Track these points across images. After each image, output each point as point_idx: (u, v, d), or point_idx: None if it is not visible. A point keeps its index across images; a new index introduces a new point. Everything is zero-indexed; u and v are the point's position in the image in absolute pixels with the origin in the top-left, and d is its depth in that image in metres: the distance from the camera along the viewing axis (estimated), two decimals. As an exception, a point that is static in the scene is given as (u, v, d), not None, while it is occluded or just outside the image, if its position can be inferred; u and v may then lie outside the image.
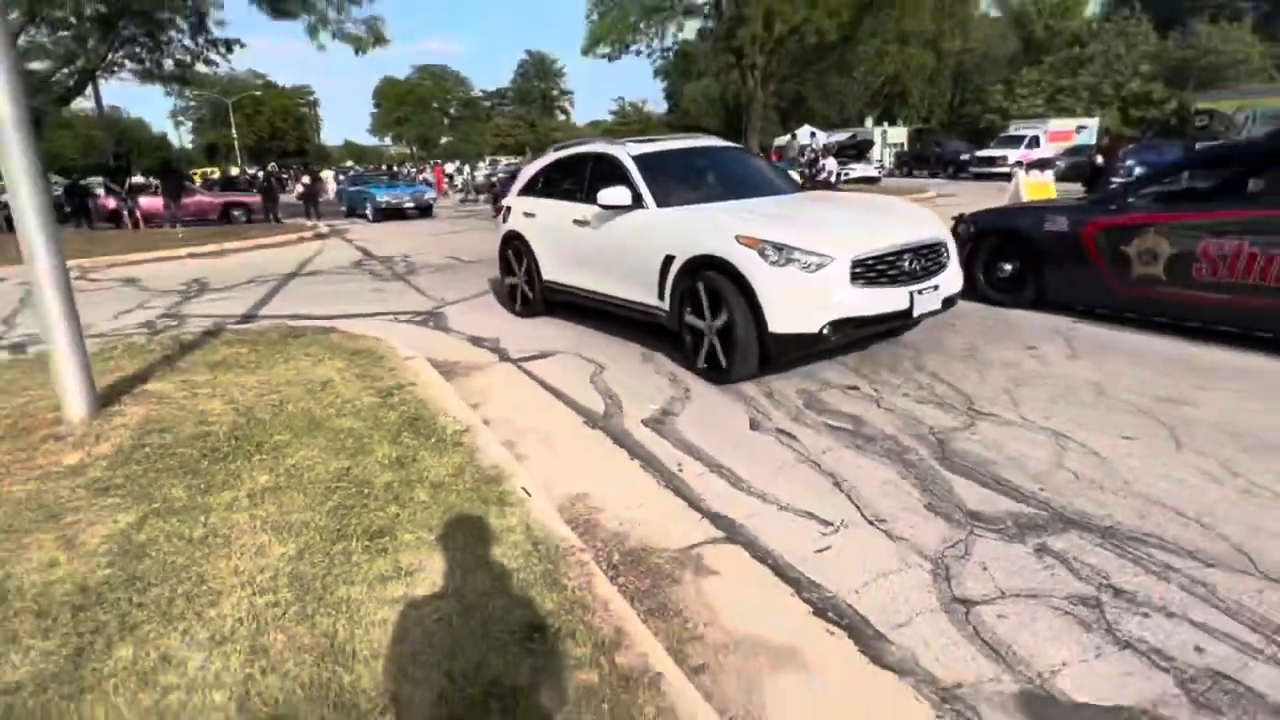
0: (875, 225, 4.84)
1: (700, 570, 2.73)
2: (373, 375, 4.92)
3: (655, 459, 3.76)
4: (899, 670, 2.17)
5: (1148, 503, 3.04)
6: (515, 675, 2.02)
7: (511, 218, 7.07)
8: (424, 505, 3.03)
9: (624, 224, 5.44)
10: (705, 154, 6.48)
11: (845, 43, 27.69)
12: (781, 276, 4.28)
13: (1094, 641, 2.24)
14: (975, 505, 3.11)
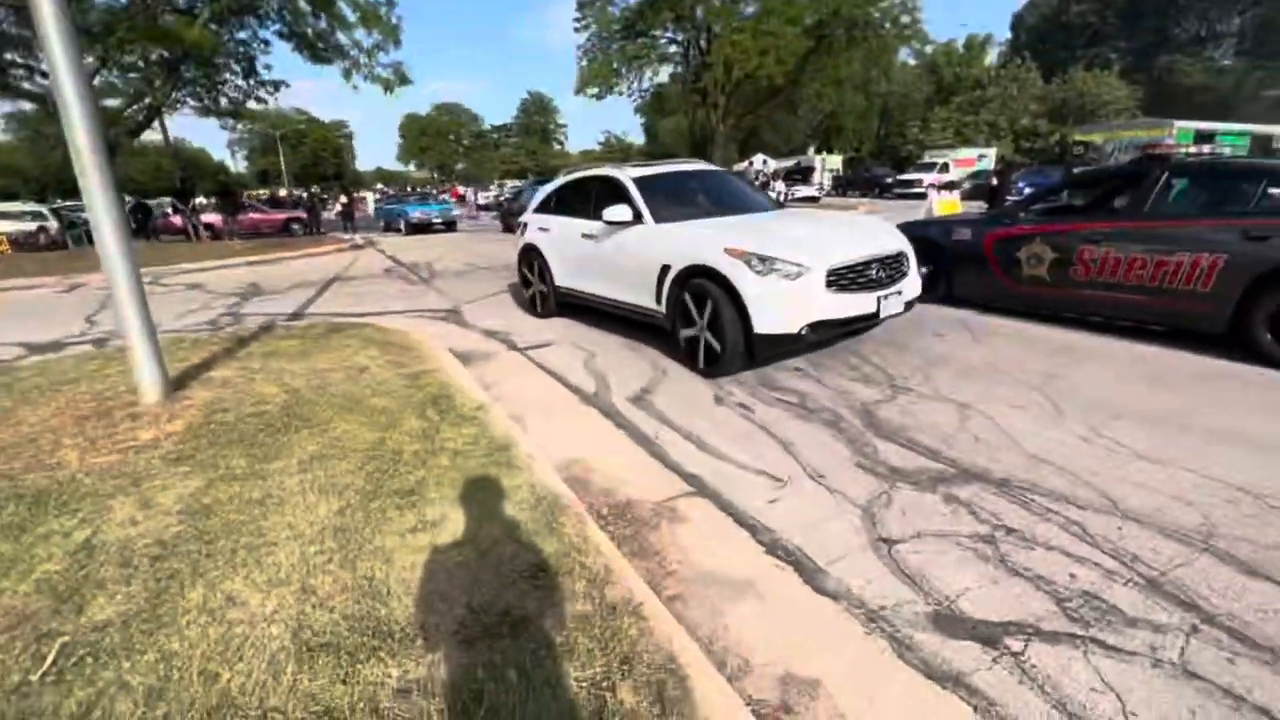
0: (847, 238, 4.66)
1: (674, 519, 2.74)
2: (402, 363, 4.86)
3: (637, 429, 3.75)
4: (835, 596, 2.20)
5: (1033, 459, 3.10)
6: (524, 606, 2.02)
7: (529, 232, 6.82)
8: (445, 469, 3.00)
9: (625, 237, 5.26)
10: (696, 176, 6.26)
11: (791, 86, 27.65)
12: (765, 284, 4.13)
13: (990, 571, 2.28)
14: (896, 463, 3.14)
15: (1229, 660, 1.82)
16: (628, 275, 5.26)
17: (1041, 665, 1.84)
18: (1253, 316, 4.29)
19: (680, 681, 1.71)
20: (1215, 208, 4.67)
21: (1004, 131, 41.57)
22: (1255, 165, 5.06)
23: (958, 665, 1.86)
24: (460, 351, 5.47)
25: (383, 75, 17.48)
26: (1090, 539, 2.43)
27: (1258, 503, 2.61)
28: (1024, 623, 2.02)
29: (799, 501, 2.83)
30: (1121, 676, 1.78)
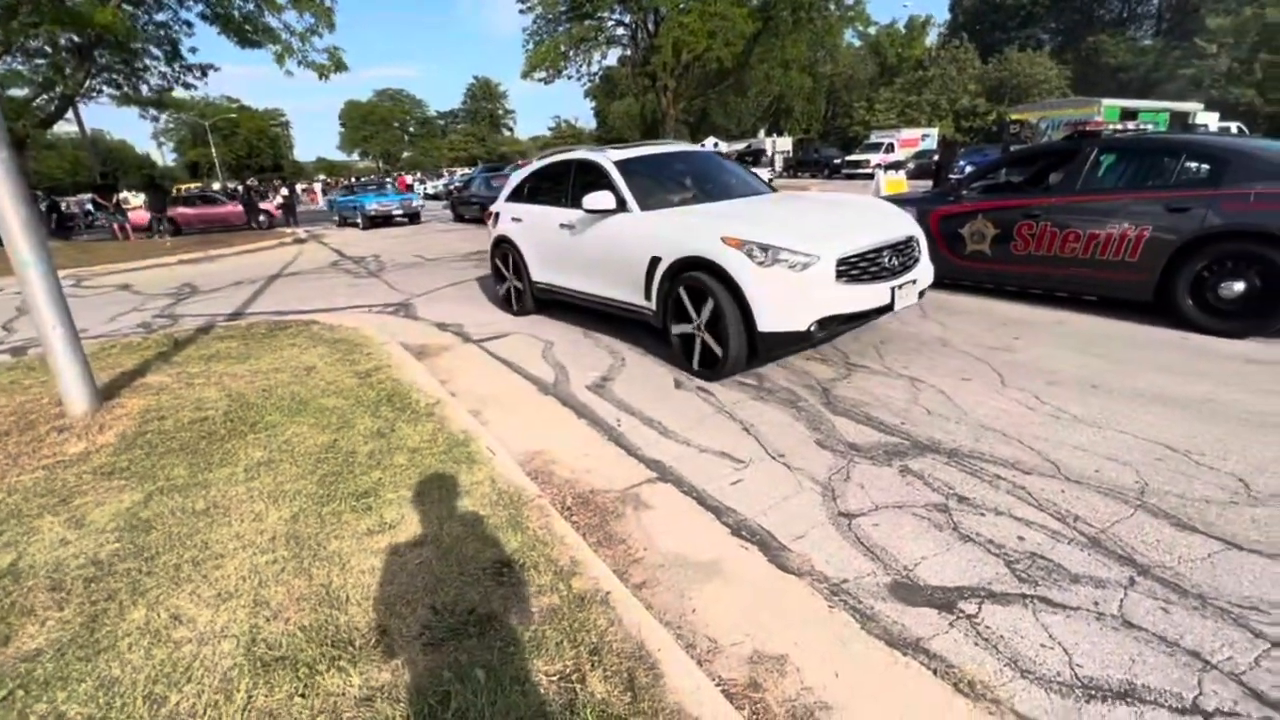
0: (854, 223, 4.20)
1: (639, 506, 2.74)
2: (352, 360, 4.69)
3: (598, 417, 3.73)
4: (798, 573, 2.24)
5: (981, 428, 3.22)
6: (489, 604, 1.98)
7: (500, 223, 6.24)
8: (403, 468, 2.92)
9: (608, 227, 4.77)
10: (682, 158, 5.69)
11: (740, 68, 27.73)
12: (768, 276, 3.70)
13: (944, 538, 2.36)
14: (853, 439, 3.21)
15: (1163, 609, 1.93)
16: (612, 269, 4.79)
17: (994, 626, 1.92)
18: (1175, 284, 4.54)
19: (650, 668, 1.71)
20: (1140, 182, 4.90)
21: (945, 111, 42.75)
22: (1174, 141, 5.33)
23: (917, 632, 1.92)
24: (413, 346, 5.32)
25: (317, 61, 16.70)
26: (1036, 502, 2.54)
27: (1185, 459, 2.78)
28: (977, 586, 2.09)
29: (761, 482, 2.87)
30: (1067, 631, 1.87)
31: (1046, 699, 1.66)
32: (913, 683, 1.75)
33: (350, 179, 49.36)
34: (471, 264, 10.24)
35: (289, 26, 16.38)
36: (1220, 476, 2.63)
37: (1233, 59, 35.01)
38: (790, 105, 40.60)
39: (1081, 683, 1.70)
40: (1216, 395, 3.41)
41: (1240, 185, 4.28)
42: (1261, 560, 2.12)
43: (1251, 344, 4.19)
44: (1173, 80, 37.09)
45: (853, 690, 1.73)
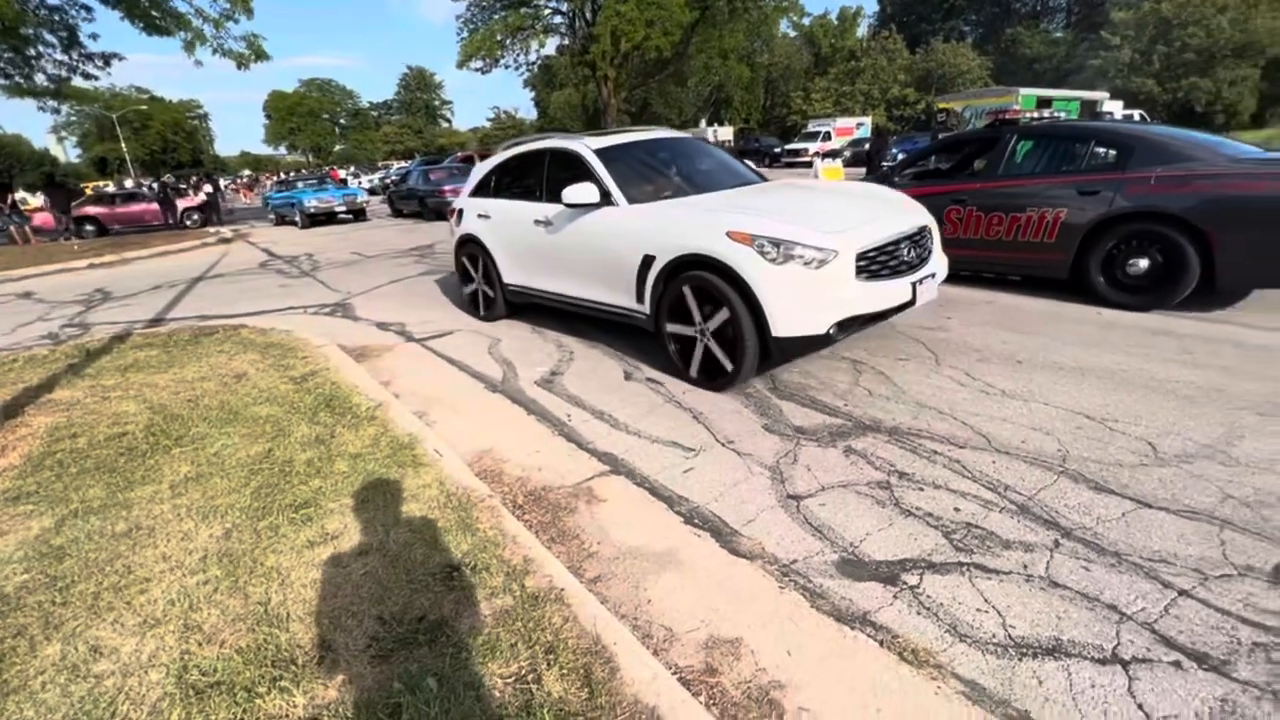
0: (868, 214, 3.83)
1: (591, 500, 2.72)
2: (286, 365, 4.47)
3: (548, 412, 3.68)
4: (750, 556, 2.27)
5: (918, 406, 3.35)
6: (440, 610, 1.93)
7: (464, 220, 5.67)
8: (345, 475, 2.80)
9: (592, 223, 4.30)
10: (666, 146, 5.17)
11: (679, 58, 27.79)
12: (782, 275, 3.32)
13: (887, 514, 2.45)
14: (799, 422, 3.29)
15: (1085, 568, 2.07)
16: (598, 269, 4.33)
17: (934, 595, 2.01)
18: (1088, 263, 4.84)
19: (606, 662, 1.71)
20: (1055, 167, 5.19)
21: (878, 101, 44.13)
22: (1084, 128, 5.67)
23: (863, 606, 1.99)
24: (352, 348, 5.11)
25: (235, 49, 15.68)
26: (970, 474, 2.67)
27: (1100, 426, 2.97)
28: (918, 558, 2.18)
29: (712, 469, 2.90)
30: (1000, 595, 1.98)
31: (983, 660, 1.75)
32: (861, 655, 1.81)
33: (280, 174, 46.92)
34: (412, 260, 9.93)
35: (201, 12, 15.31)
36: (1131, 441, 2.82)
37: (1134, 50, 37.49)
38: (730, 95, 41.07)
39: (1014, 642, 1.80)
40: (1127, 365, 3.66)
41: (1143, 169, 4.58)
42: (1168, 516, 2.29)
43: (1155, 316, 4.51)
44: (1082, 71, 39.42)
45: (805, 667, 1.78)
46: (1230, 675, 1.64)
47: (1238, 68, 35.94)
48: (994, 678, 1.70)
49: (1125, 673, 1.67)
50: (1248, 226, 4.16)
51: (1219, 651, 1.71)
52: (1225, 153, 4.58)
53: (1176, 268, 4.45)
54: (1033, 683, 1.67)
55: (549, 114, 54.58)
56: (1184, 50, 35.80)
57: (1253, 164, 4.40)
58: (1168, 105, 35.41)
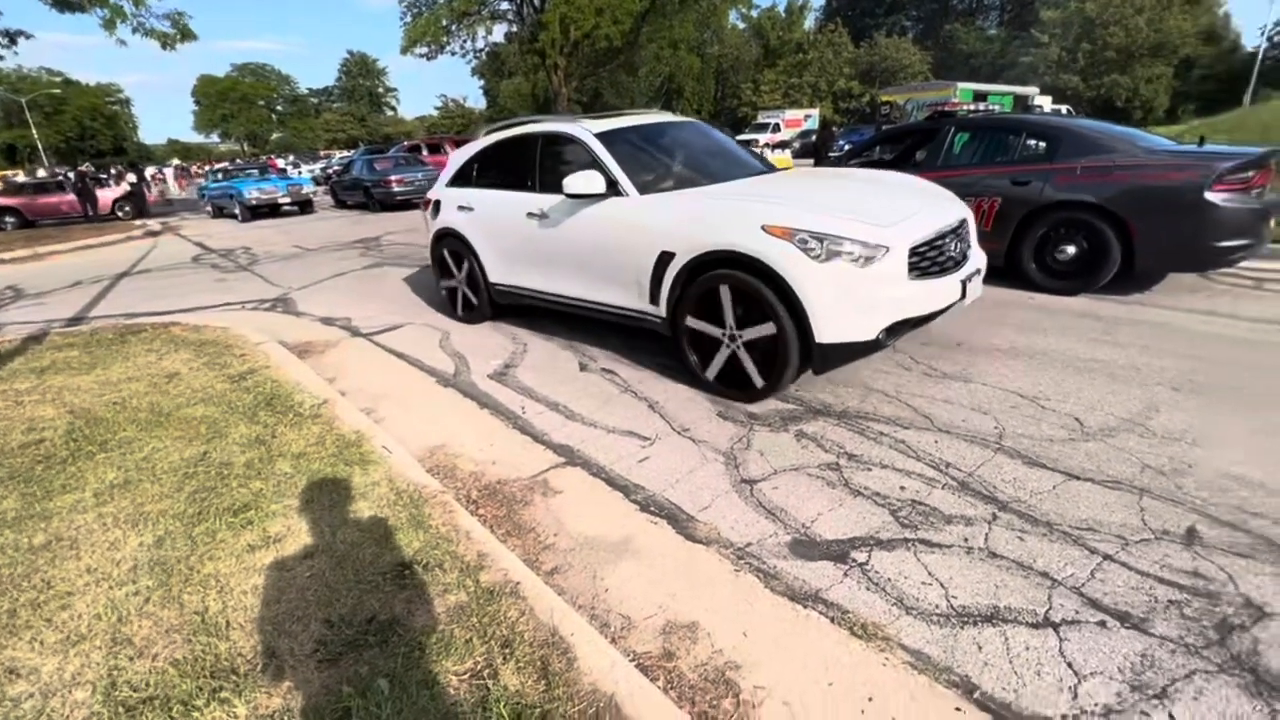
0: (910, 205, 3.48)
1: (547, 492, 2.70)
2: (222, 363, 4.25)
3: (502, 406, 3.62)
4: (706, 541, 2.30)
5: (866, 390, 3.44)
6: (391, 609, 1.88)
7: (442, 213, 5.15)
8: (287, 476, 2.69)
9: (597, 216, 3.86)
10: (670, 130, 4.70)
11: (629, 47, 27.60)
12: (828, 274, 2.96)
13: (837, 495, 2.52)
14: (752, 408, 3.33)
15: (1020, 539, 2.17)
16: (603, 267, 3.90)
17: (882, 570, 2.07)
18: (1022, 250, 5.08)
19: (564, 653, 1.70)
20: (990, 158, 5.40)
21: (825, 93, 45.01)
22: (1016, 120, 5.92)
23: (815, 584, 2.04)
24: (294, 344, 4.90)
25: (158, 28, 14.71)
26: (914, 454, 2.77)
27: (1033, 404, 3.13)
28: (866, 536, 2.25)
29: (668, 457, 2.91)
30: (943, 567, 2.06)
31: (928, 630, 1.82)
32: (814, 632, 1.85)
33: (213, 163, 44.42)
34: (358, 252, 9.59)
35: (118, -12, 14.29)
36: (1060, 417, 2.98)
37: (1061, 48, 39.39)
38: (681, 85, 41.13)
39: (956, 612, 1.88)
40: (1057, 346, 3.86)
41: (1070, 160, 4.82)
42: (1094, 487, 2.43)
43: (1082, 300, 4.77)
44: (1014, 66, 41.21)
45: (760, 647, 1.81)
46: (1149, 631, 1.76)
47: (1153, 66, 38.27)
48: (938, 646, 1.77)
49: (1056, 635, 1.77)
50: (1162, 214, 4.44)
51: (1139, 610, 1.83)
52: (1142, 145, 4.87)
53: (1100, 254, 4.71)
54: (973, 649, 1.75)
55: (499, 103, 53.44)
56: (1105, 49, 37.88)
57: (1166, 155, 4.68)
58: (1091, 100, 37.43)
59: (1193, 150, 4.91)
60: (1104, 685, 1.61)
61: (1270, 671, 1.61)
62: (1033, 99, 27.51)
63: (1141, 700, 1.56)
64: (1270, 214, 4.56)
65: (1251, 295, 4.71)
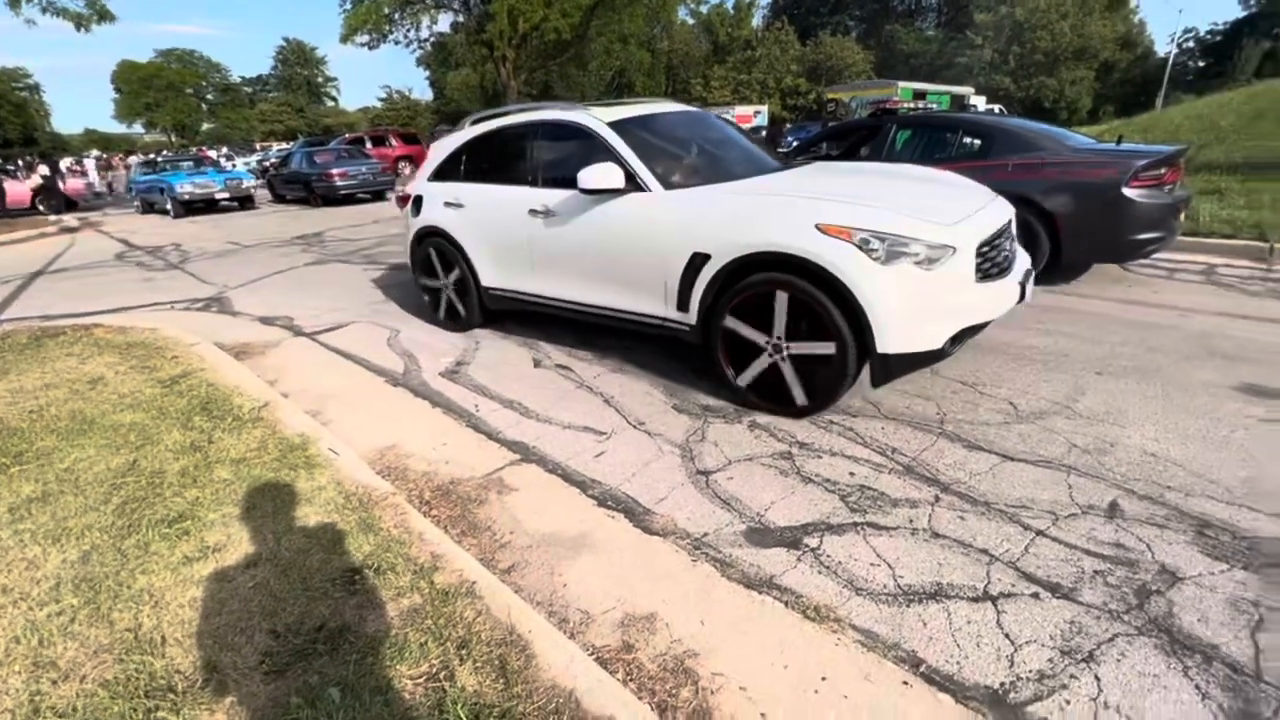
0: (966, 201, 3.22)
1: (503, 490, 2.66)
2: (152, 366, 4.01)
3: (455, 404, 3.55)
4: (663, 533, 2.32)
5: (816, 380, 3.52)
6: (341, 616, 1.82)
7: (426, 210, 4.68)
8: (226, 483, 2.57)
9: (612, 214, 3.52)
10: (681, 120, 4.34)
11: (579, 40, 27.37)
12: (891, 277, 2.69)
13: (790, 483, 2.58)
14: (707, 401, 3.37)
15: (960, 519, 2.28)
16: (621, 270, 3.57)
17: (833, 554, 2.14)
18: (960, 243, 5.29)
19: (522, 650, 1.68)
20: (929, 155, 5.61)
21: (773, 90, 45.74)
22: (953, 118, 6.17)
23: (769, 570, 2.08)
24: (232, 345, 4.68)
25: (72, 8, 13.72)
26: (862, 440, 2.86)
27: (972, 390, 3.28)
28: (818, 521, 2.32)
29: (624, 451, 2.92)
30: (891, 549, 2.14)
31: (876, 610, 1.89)
32: (769, 617, 1.90)
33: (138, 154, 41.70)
34: (299, 248, 9.21)
35: (24, -37, 13.24)
36: (997, 402, 3.14)
37: (994, 51, 41.20)
38: (632, 80, 41.03)
39: (903, 591, 1.96)
40: (991, 335, 4.03)
41: (1002, 157, 5.06)
42: (1027, 466, 2.57)
43: (1015, 290, 5.02)
44: (951, 67, 42.86)
45: (718, 634, 1.84)
46: (1077, 600, 1.87)
47: (1077, 69, 40.51)
48: (886, 624, 1.84)
49: (994, 607, 1.87)
50: (1085, 209, 4.71)
51: (1068, 581, 1.95)
52: (1068, 143, 5.15)
53: (1031, 247, 4.96)
54: (919, 625, 1.83)
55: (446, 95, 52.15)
56: (1034, 52, 39.85)
57: (1089, 153, 4.97)
58: (1022, 100, 39.33)
59: (1112, 149, 5.23)
60: (1038, 652, 1.71)
61: (1182, 631, 1.74)
62: (968, 98, 28.67)
63: (1071, 664, 1.66)
64: (1180, 208, 4.91)
65: (1166, 285, 5.06)
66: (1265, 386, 3.15)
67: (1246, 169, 9.28)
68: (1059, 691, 1.59)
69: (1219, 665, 1.63)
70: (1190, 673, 1.61)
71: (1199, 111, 18.49)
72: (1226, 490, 2.33)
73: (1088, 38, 39.71)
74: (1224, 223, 6.21)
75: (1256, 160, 9.99)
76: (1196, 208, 6.52)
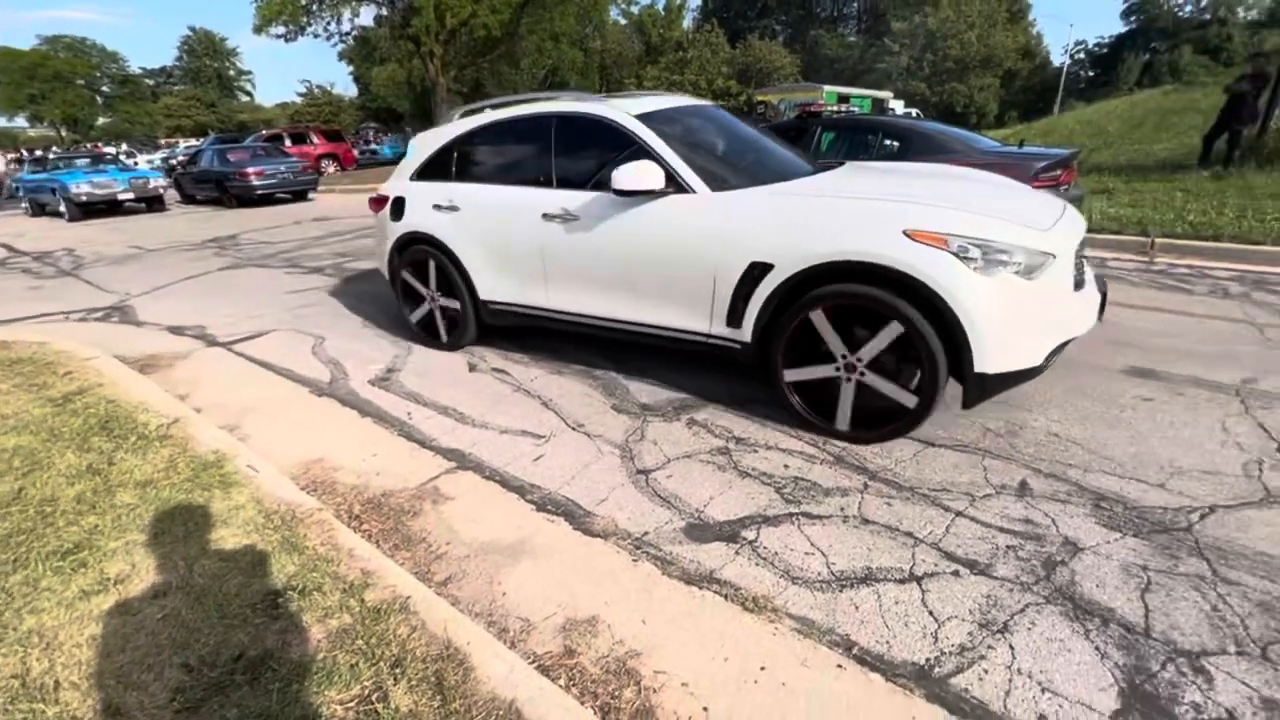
0: (1048, 205, 3.04)
1: (438, 499, 2.58)
2: (41, 384, 3.65)
3: (385, 413, 3.41)
4: (604, 535, 2.30)
5: (747, 381, 3.59)
6: (263, 643, 1.71)
7: (410, 214, 4.16)
8: (130, 508, 2.37)
9: (650, 218, 3.15)
10: (703, 115, 3.94)
11: (510, 38, 26.89)
12: (992, 288, 2.44)
13: (727, 477, 2.62)
14: (645, 400, 3.39)
15: (888, 504, 2.38)
16: (660, 281, 3.20)
17: (770, 545, 2.19)
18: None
19: (459, 664, 1.63)
20: (852, 155, 5.84)
21: (705, 91, 46.43)
22: (874, 121, 6.45)
23: (709, 565, 2.11)
24: (136, 358, 4.32)
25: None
26: (795, 433, 2.94)
27: (895, 381, 3.43)
28: (755, 514, 2.37)
29: (563, 454, 2.89)
30: (823, 537, 2.21)
31: (812, 597, 1.95)
32: (709, 611, 1.92)
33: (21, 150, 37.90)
34: (212, 252, 8.63)
35: None
36: (919, 391, 3.29)
37: (910, 57, 43.40)
38: (565, 79, 40.69)
39: (836, 577, 2.03)
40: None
41: (920, 158, 5.32)
42: (947, 451, 2.71)
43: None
44: (872, 72, 44.83)
45: (659, 632, 1.85)
46: (992, 575, 1.99)
47: (984, 76, 43.23)
48: (820, 611, 1.90)
49: (919, 587, 1.96)
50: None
51: (984, 558, 2.07)
52: (977, 146, 5.49)
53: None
54: (851, 609, 1.89)
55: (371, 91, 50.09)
56: (945, 60, 42.24)
57: (996, 155, 5.31)
58: (936, 105, 41.61)
59: (1015, 151, 5.61)
60: (959, 627, 1.80)
61: (1084, 598, 1.88)
62: (888, 102, 30.10)
63: (988, 636, 1.77)
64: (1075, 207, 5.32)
65: (1064, 277, 5.46)
66: (1149, 369, 3.46)
67: (1130, 170, 10.19)
68: (978, 662, 1.68)
69: (1115, 626, 1.77)
70: (1091, 635, 1.75)
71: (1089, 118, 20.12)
72: (1119, 465, 2.55)
73: (993, 47, 42.45)
74: (1112, 220, 6.78)
75: (1138, 163, 10.98)
76: (1089, 206, 7.09)
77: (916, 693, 1.61)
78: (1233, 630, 1.74)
